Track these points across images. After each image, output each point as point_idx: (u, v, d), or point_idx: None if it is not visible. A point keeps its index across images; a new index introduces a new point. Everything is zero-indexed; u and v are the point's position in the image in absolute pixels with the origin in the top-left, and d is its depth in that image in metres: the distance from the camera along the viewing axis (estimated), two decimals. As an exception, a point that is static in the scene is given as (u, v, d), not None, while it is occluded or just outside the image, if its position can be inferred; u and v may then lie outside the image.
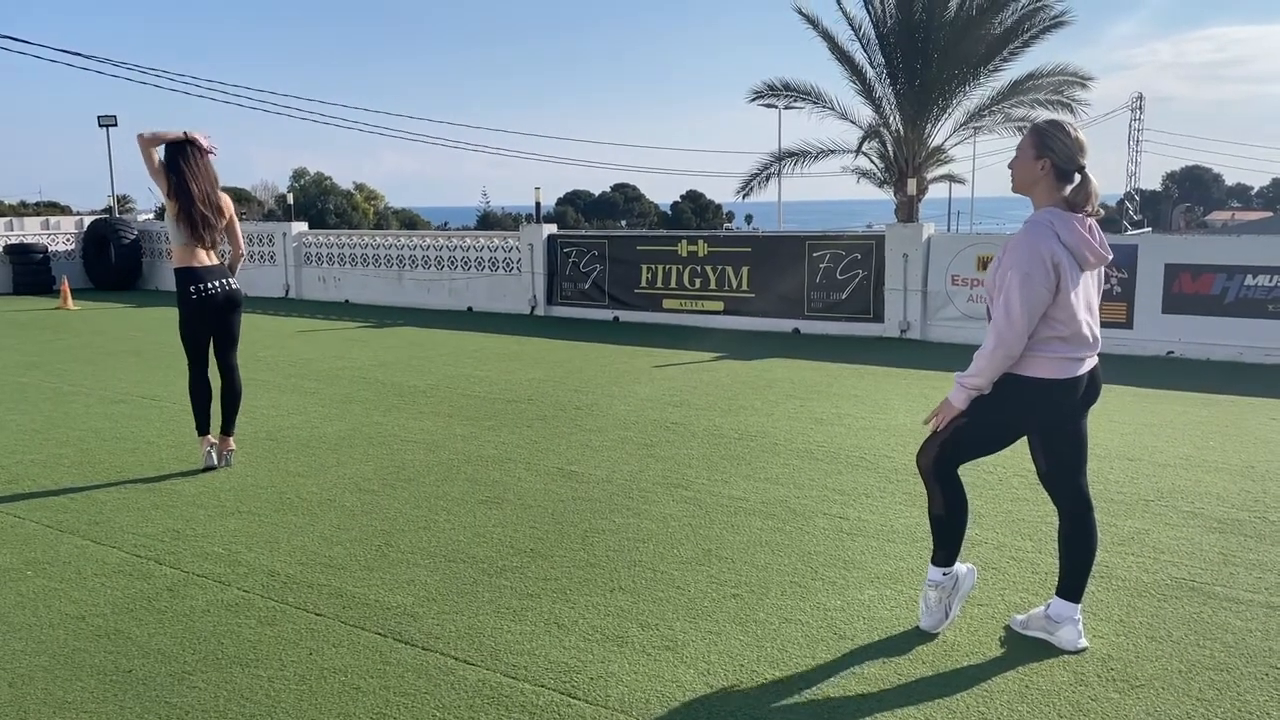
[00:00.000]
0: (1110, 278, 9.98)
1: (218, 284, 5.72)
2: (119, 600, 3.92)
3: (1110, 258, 3.33)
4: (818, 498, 5.13)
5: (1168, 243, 10.74)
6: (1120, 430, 6.61)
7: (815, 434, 6.53)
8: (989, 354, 3.27)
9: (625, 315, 13.20)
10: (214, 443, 5.83)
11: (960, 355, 9.96)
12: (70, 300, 15.52)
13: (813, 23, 22.51)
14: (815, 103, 23.28)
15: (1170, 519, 4.78)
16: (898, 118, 23.02)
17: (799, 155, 23.89)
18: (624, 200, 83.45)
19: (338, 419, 7.10)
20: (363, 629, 3.63)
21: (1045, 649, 3.41)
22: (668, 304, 12.85)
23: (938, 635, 3.52)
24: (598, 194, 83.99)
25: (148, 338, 11.69)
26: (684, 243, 12.78)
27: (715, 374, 9.00)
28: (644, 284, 13.06)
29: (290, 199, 19.68)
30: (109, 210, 22.32)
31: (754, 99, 24.28)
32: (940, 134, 23.36)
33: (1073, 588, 3.45)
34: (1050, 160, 3.25)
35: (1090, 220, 3.30)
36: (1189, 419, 6.99)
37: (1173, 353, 9.79)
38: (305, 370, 9.27)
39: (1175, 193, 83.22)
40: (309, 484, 5.48)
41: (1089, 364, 3.45)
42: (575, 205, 79.41)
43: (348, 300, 16.09)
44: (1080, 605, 3.46)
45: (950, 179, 31.40)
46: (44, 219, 20.63)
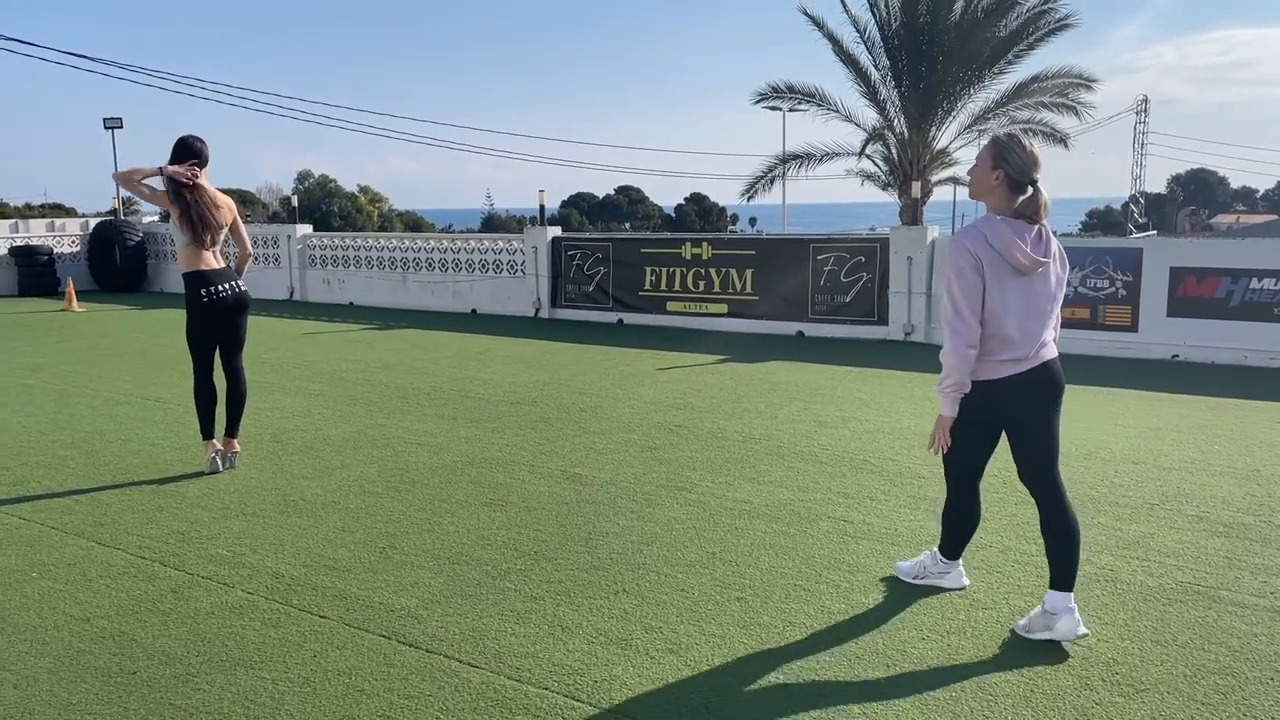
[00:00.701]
0: (1114, 281, 9.97)
1: (227, 286, 5.73)
2: (124, 602, 3.93)
3: (1046, 261, 3.45)
4: (822, 501, 5.12)
5: (1173, 246, 10.73)
6: (1125, 434, 6.60)
7: (819, 437, 6.53)
8: (951, 350, 3.47)
9: (629, 318, 13.21)
10: (219, 448, 5.81)
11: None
12: (75, 302, 15.55)
13: (818, 24, 22.52)
14: (819, 105, 23.27)
15: (1175, 523, 4.77)
16: (902, 120, 23.02)
17: (803, 158, 23.91)
18: (628, 202, 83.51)
19: (342, 421, 7.11)
20: (367, 631, 3.63)
21: (1049, 652, 3.41)
22: (672, 306, 12.85)
23: (940, 640, 3.52)
24: (602, 196, 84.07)
25: (153, 340, 11.71)
26: (688, 245, 12.78)
27: (719, 377, 8.99)
28: (648, 286, 13.06)
29: (295, 201, 19.70)
30: (114, 212, 22.38)
31: (758, 101, 24.28)
32: (945, 137, 23.33)
33: (1062, 578, 3.52)
34: (1005, 171, 3.42)
35: (1038, 227, 3.47)
36: (1194, 422, 6.98)
37: (1178, 356, 9.77)
38: (310, 372, 9.28)
39: (1180, 196, 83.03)
40: (313, 486, 5.49)
41: (1037, 361, 3.50)
42: (579, 208, 79.49)
43: (352, 302, 16.10)
44: (1073, 594, 3.51)
45: (955, 182, 31.41)
46: (49, 221, 20.67)
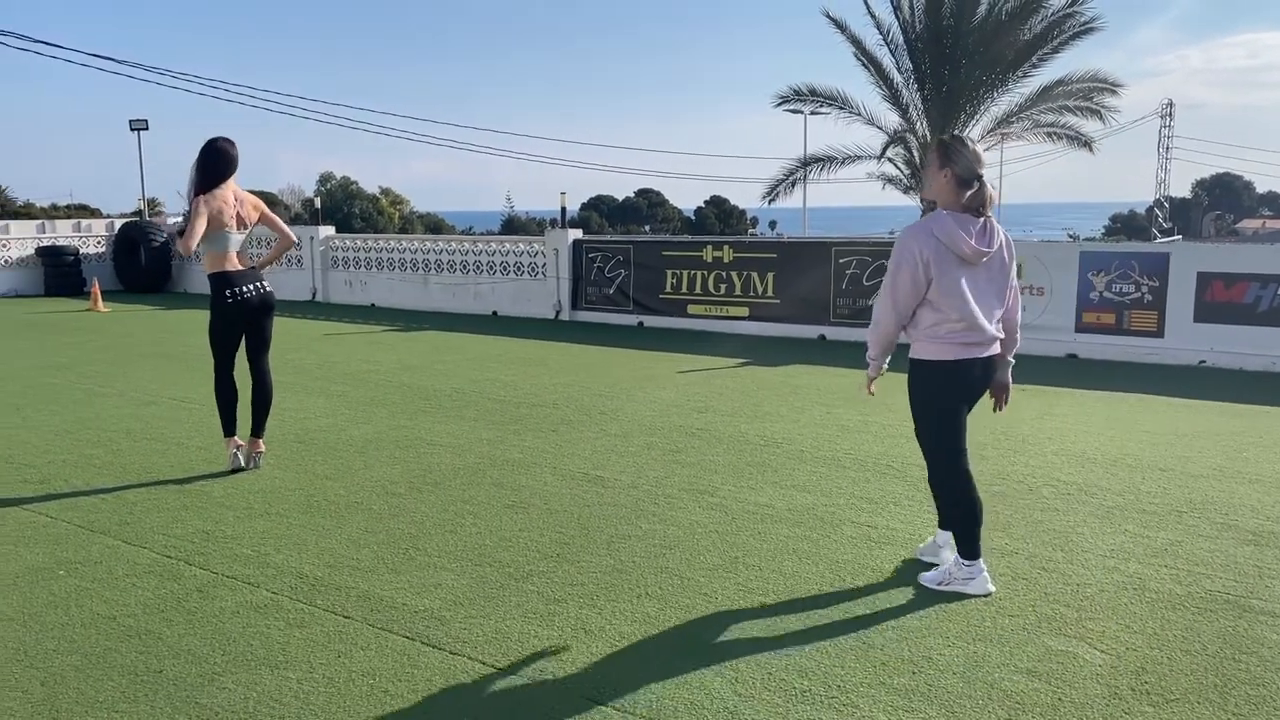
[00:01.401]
0: (1141, 286, 9.88)
1: (252, 287, 5.75)
2: (149, 600, 3.95)
3: (990, 251, 3.75)
4: (845, 506, 5.10)
5: (1200, 250, 10.62)
6: (1151, 440, 6.53)
7: (842, 441, 6.49)
8: (871, 329, 3.96)
9: (650, 320, 13.20)
10: (240, 444, 5.85)
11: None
12: (101, 302, 15.70)
13: (840, 27, 22.48)
14: (841, 108, 23.21)
15: (1204, 531, 4.72)
16: (925, 123, 22.92)
17: (825, 160, 23.86)
18: (647, 205, 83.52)
19: (364, 422, 7.14)
20: (390, 632, 3.64)
21: (1079, 664, 3.37)
22: (692, 309, 12.83)
23: (966, 646, 3.49)
24: (621, 199, 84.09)
25: (177, 340, 11.80)
26: (709, 248, 12.76)
27: (740, 380, 8.97)
28: (669, 289, 13.05)
29: (318, 203, 19.82)
30: (139, 213, 22.59)
31: (780, 104, 24.25)
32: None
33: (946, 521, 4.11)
34: (952, 170, 3.75)
35: (983, 220, 3.77)
36: (1222, 429, 6.90)
37: (1204, 362, 9.67)
38: (332, 373, 9.33)
39: (1205, 200, 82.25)
40: (336, 487, 5.51)
41: (983, 352, 3.82)
42: (599, 210, 79.56)
43: (374, 304, 16.18)
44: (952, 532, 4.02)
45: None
46: (75, 221, 20.89)
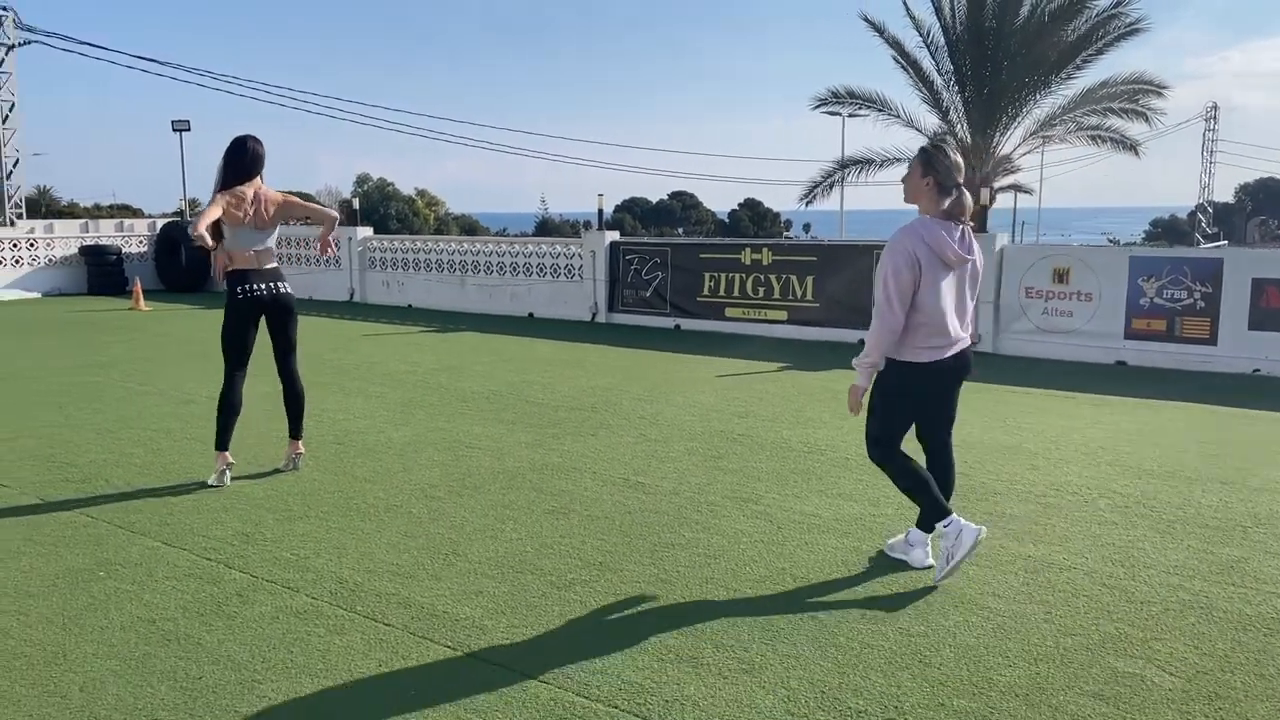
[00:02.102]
0: (1193, 292, 9.62)
1: (265, 286, 5.55)
2: (189, 604, 3.91)
3: (970, 258, 3.97)
4: (894, 516, 4.95)
5: (1255, 257, 10.35)
6: (1208, 451, 6.32)
7: (887, 449, 6.34)
8: (875, 333, 3.96)
9: (687, 323, 13.09)
10: (231, 462, 5.57)
11: (1035, 369, 9.72)
12: (142, 301, 15.85)
13: (879, 30, 22.28)
14: (880, 110, 23.00)
15: (1271, 547, 4.53)
16: (965, 125, 22.65)
17: (863, 163, 23.65)
18: (681, 207, 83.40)
19: (403, 424, 7.09)
20: (432, 641, 3.56)
21: (1148, 687, 3.22)
22: (730, 313, 12.70)
23: (1029, 667, 3.35)
24: (655, 201, 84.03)
25: (216, 340, 11.79)
26: (748, 251, 12.63)
27: (780, 385, 8.84)
28: (706, 292, 12.93)
29: (356, 204, 19.92)
30: (180, 213, 22.84)
31: (818, 106, 24.04)
32: (1010, 143, 22.91)
33: (929, 518, 4.17)
34: (934, 178, 3.93)
35: (963, 227, 3.96)
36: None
37: (1259, 370, 9.39)
38: (371, 374, 9.31)
39: (1249, 205, 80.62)
40: (376, 490, 5.45)
41: (956, 349, 4.02)
42: (633, 212, 79.55)
43: (411, 305, 16.20)
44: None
45: (1016, 189, 30.82)
46: (118, 221, 21.15)
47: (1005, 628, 3.65)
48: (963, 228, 3.95)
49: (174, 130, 23.29)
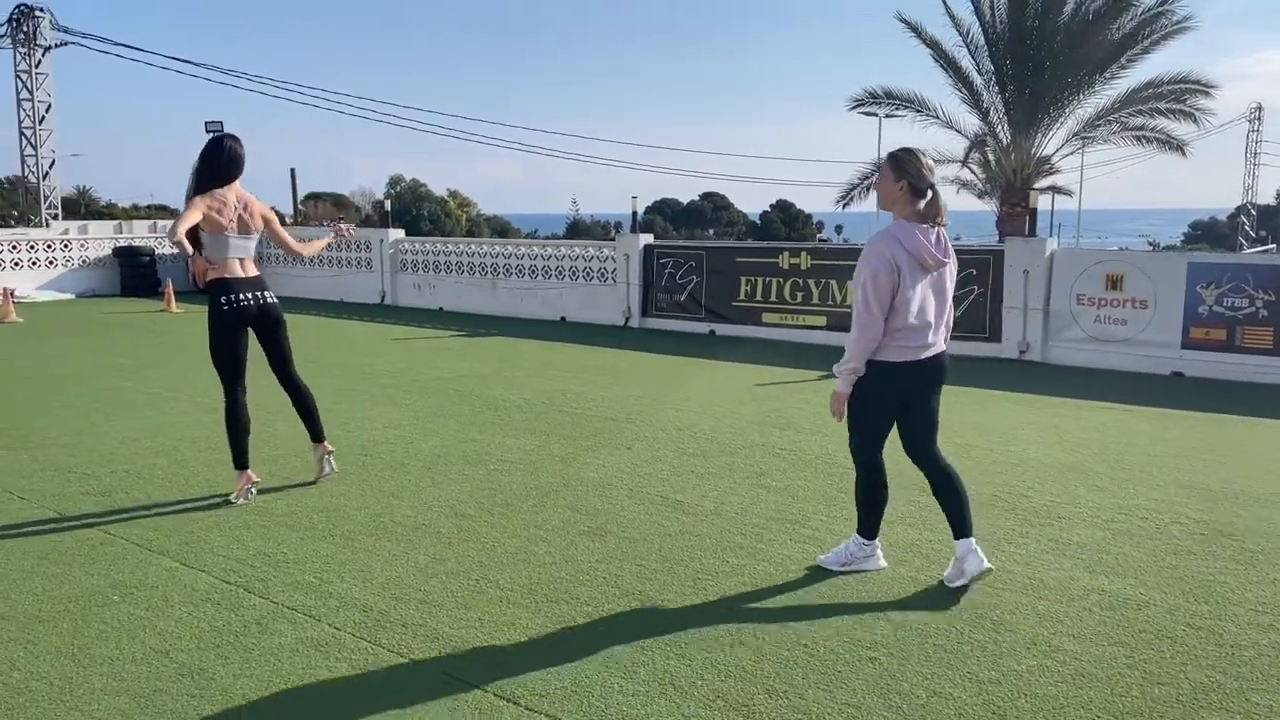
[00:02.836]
0: (1254, 300, 9.19)
1: (251, 296, 5.23)
2: (205, 633, 3.68)
3: (948, 261, 3.96)
4: (950, 542, 4.62)
5: (1320, 262, 9.88)
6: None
7: (939, 466, 6.02)
8: (855, 340, 3.94)
9: (722, 329, 12.80)
10: (255, 480, 5.35)
11: (1087, 380, 9.33)
12: (174, 303, 15.80)
13: (915, 30, 21.82)
14: (919, 111, 22.53)
15: (1366, 583, 4.17)
16: (1006, 127, 22.15)
17: (901, 165, 23.14)
18: (712, 209, 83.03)
19: (432, 434, 6.87)
20: (460, 679, 3.31)
21: (1250, 746, 2.90)
22: (767, 318, 12.39)
23: (1116, 721, 3.04)
24: (686, 202, 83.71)
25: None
26: (785, 254, 12.32)
27: (821, 394, 8.52)
28: (742, 297, 12.63)
29: (388, 205, 19.82)
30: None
31: (854, 106, 23.61)
32: (1051, 144, 22.38)
33: (961, 528, 4.09)
34: (907, 182, 3.92)
35: (938, 230, 3.96)
36: (1361, 461, 6.27)
37: (1325, 383, 8.95)
38: (400, 380, 9.11)
39: (1292, 207, 78.75)
40: (403, 506, 5.22)
41: (932, 351, 4.02)
42: (663, 213, 79.28)
43: (442, 308, 16.03)
44: (972, 536, 4.08)
45: (1055, 190, 30.19)
46: (152, 222, 21.18)
47: (1085, 674, 3.33)
48: (938, 230, 3.95)
49: (207, 131, 23.28)
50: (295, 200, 32.59)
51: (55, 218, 21.09)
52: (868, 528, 4.27)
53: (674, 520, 4.99)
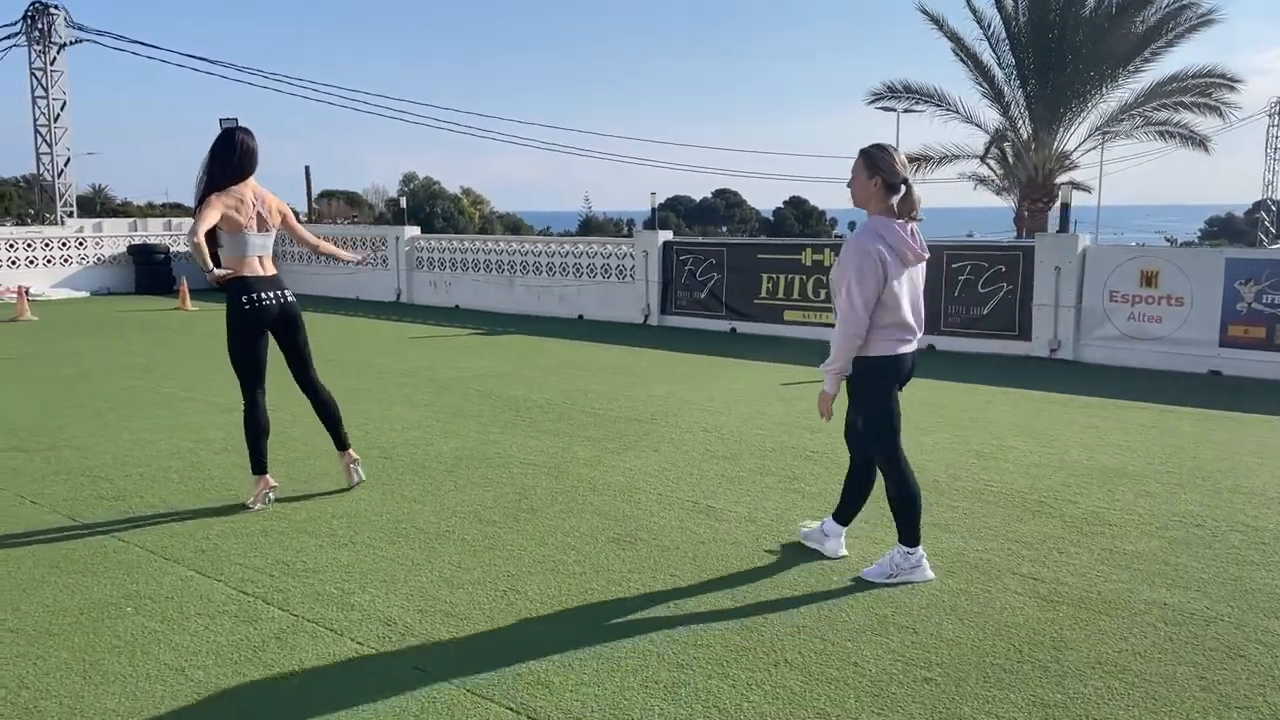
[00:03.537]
0: (1295, 297, 8.92)
1: (272, 295, 5.02)
2: (223, 648, 3.51)
3: (927, 256, 3.99)
4: (1000, 551, 4.44)
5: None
6: (1339, 476, 5.71)
7: (979, 471, 5.81)
8: (842, 338, 3.94)
9: (743, 327, 12.59)
10: (274, 485, 5.18)
11: (1122, 379, 9.09)
12: (189, 301, 15.68)
13: (938, 22, 21.55)
14: (939, 105, 22.28)
15: None
16: (1027, 121, 21.89)
17: (920, 160, 22.89)
18: (725, 206, 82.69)
19: (453, 435, 6.69)
20: (492, 701, 3.12)
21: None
22: (789, 316, 12.17)
23: None
24: (699, 199, 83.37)
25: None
26: (808, 251, 12.09)
27: (849, 395, 8.30)
28: (764, 294, 12.41)
29: (404, 203, 19.67)
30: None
31: (873, 101, 23.39)
32: (1074, 138, 22.09)
33: (848, 515, 4.37)
34: (880, 178, 3.91)
35: (912, 225, 3.96)
36: None
37: (1369, 382, 8.68)
38: (418, 380, 8.94)
39: (1312, 203, 77.77)
40: (425, 511, 5.04)
41: (912, 346, 4.05)
42: (676, 210, 78.97)
43: (458, 305, 15.87)
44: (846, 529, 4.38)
45: (1073, 185, 29.88)
46: (166, 220, 21.10)
47: (1156, 697, 3.13)
48: (912, 225, 3.96)
49: (222, 128, 23.21)
50: (310, 198, 32.53)
51: (70, 215, 21.04)
52: (910, 535, 4.11)
53: (706, 527, 4.80)
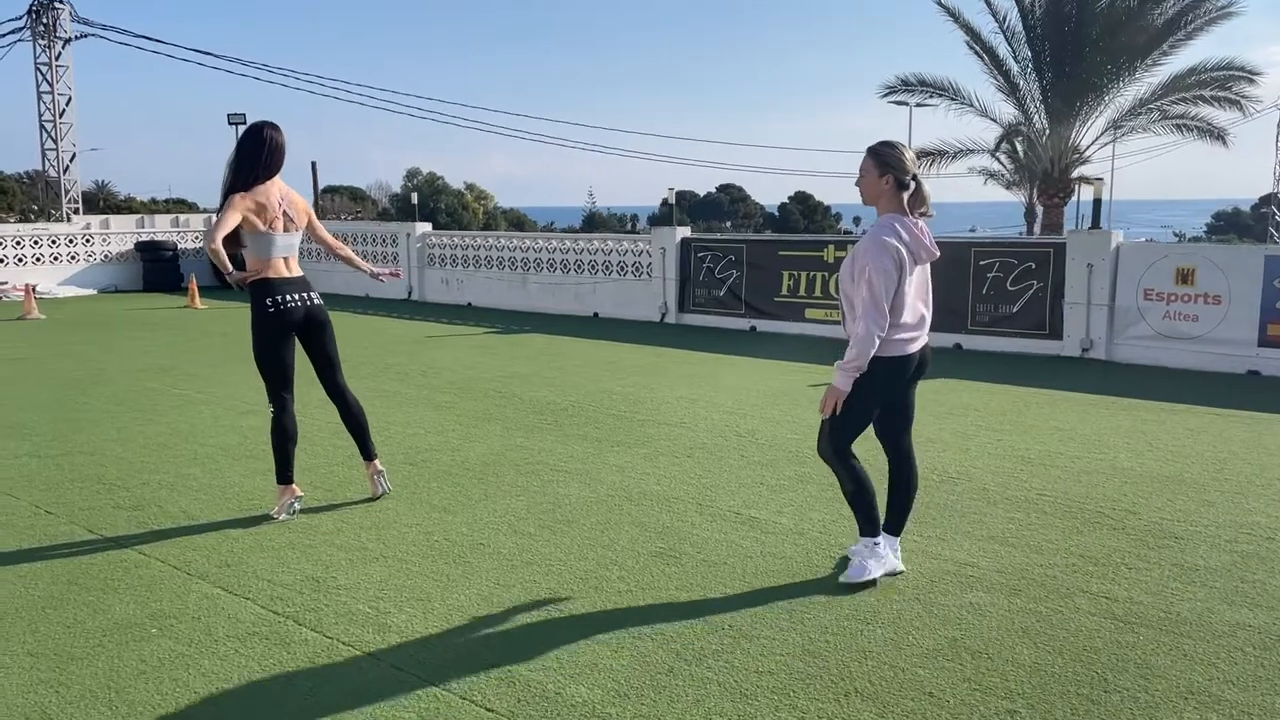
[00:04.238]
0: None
1: (297, 297, 4.83)
2: (254, 673, 3.31)
3: (938, 255, 3.92)
4: (1065, 567, 4.23)
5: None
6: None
7: (1027, 478, 5.60)
8: (864, 336, 3.81)
9: (763, 325, 12.37)
10: (300, 494, 5.00)
11: (1158, 379, 8.86)
12: (198, 299, 15.49)
13: (953, 15, 21.28)
14: (952, 99, 22.00)
15: None
16: (1043, 115, 21.61)
17: (933, 155, 22.62)
18: (729, 201, 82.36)
19: (478, 440, 6.48)
20: (546, 735, 2.92)
21: None
22: (810, 314, 11.95)
23: None
24: (703, 194, 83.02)
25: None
26: (831, 248, 11.86)
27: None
28: (784, 292, 12.19)
29: (415, 199, 19.47)
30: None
31: (885, 94, 23.14)
32: (1090, 133, 21.82)
33: (897, 523, 4.19)
34: (891, 175, 3.86)
35: (922, 222, 3.92)
36: None
37: None
38: (437, 381, 8.73)
39: (1320, 198, 77.25)
40: (457, 522, 4.84)
41: (921, 343, 4.00)
42: (680, 206, 78.60)
43: (470, 303, 15.66)
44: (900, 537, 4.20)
45: (1084, 180, 29.55)
46: (174, 216, 20.90)
47: (1259, 732, 2.92)
48: (923, 223, 3.93)
49: (230, 124, 23.01)
50: (316, 193, 32.31)
51: (76, 212, 20.85)
52: (871, 527, 4.08)
53: (752, 540, 4.59)
